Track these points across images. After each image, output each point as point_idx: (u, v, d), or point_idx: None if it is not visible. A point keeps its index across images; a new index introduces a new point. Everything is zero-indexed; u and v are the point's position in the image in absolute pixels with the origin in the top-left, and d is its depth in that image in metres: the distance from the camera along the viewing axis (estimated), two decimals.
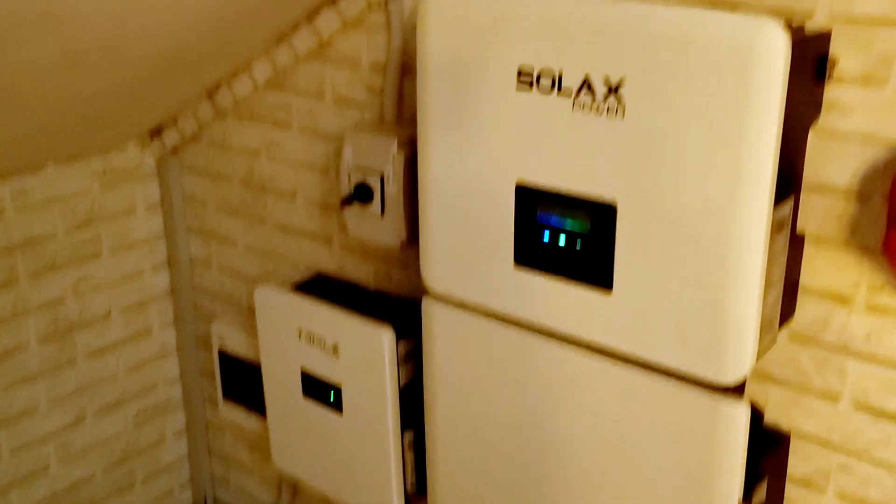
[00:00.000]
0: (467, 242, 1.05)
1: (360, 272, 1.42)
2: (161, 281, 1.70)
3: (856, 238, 0.92)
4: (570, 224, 0.95)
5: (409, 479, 1.28)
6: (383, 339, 1.21)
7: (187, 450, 1.81)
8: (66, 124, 1.36)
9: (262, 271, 1.58)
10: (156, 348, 1.71)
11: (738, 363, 0.86)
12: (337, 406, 1.30)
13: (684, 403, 0.91)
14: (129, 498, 1.73)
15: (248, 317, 1.59)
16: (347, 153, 1.25)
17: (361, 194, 1.24)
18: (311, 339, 1.30)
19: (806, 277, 0.96)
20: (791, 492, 1.03)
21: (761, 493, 0.94)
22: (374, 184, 1.23)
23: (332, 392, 1.30)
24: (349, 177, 1.25)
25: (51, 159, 1.49)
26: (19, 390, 1.52)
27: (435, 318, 1.12)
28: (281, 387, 1.37)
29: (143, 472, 1.74)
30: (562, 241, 0.96)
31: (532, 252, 0.99)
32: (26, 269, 1.49)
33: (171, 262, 1.70)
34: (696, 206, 0.85)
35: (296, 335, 1.31)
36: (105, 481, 1.68)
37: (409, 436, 1.26)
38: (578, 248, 0.95)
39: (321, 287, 1.42)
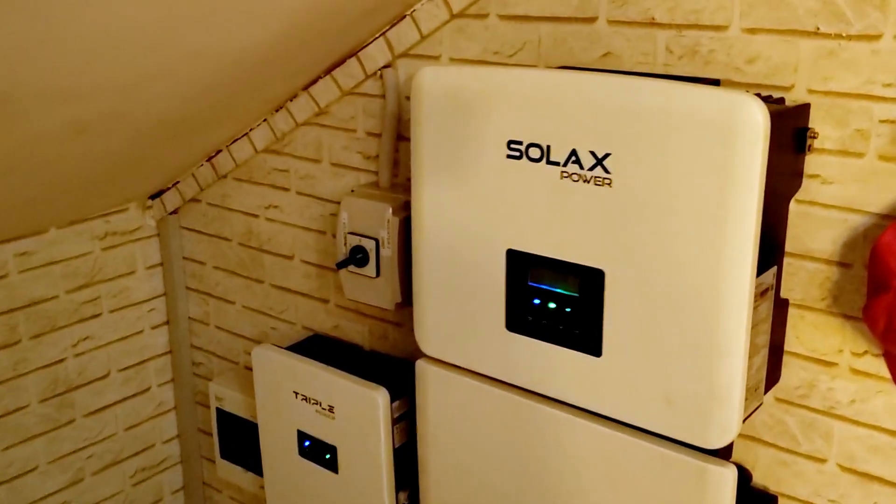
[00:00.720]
0: (460, 307, 1.07)
1: (356, 332, 1.44)
2: (160, 339, 1.72)
3: (838, 304, 0.94)
4: (559, 290, 0.97)
5: None
6: (378, 401, 1.22)
7: None
8: (69, 189, 1.39)
9: (259, 331, 1.60)
10: (154, 406, 1.72)
11: (724, 428, 0.88)
12: (332, 466, 1.31)
13: (672, 466, 0.92)
14: None
15: (245, 376, 1.61)
16: (343, 217, 1.27)
17: (357, 258, 1.27)
18: (307, 399, 1.31)
19: (791, 343, 0.98)
20: None
21: None
22: (370, 247, 1.26)
23: (328, 452, 1.31)
24: (345, 240, 1.28)
25: (53, 223, 1.52)
26: (19, 450, 1.53)
27: (428, 381, 1.14)
28: (277, 446, 1.38)
29: None
30: (552, 307, 0.98)
31: (523, 317, 1.01)
32: (28, 330, 1.51)
33: (169, 320, 1.72)
34: (680, 274, 0.87)
35: (292, 395, 1.33)
36: None
37: (403, 496, 1.27)
38: (568, 313, 0.97)
39: (317, 347, 1.44)
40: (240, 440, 1.58)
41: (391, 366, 1.37)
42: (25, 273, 1.49)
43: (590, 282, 0.94)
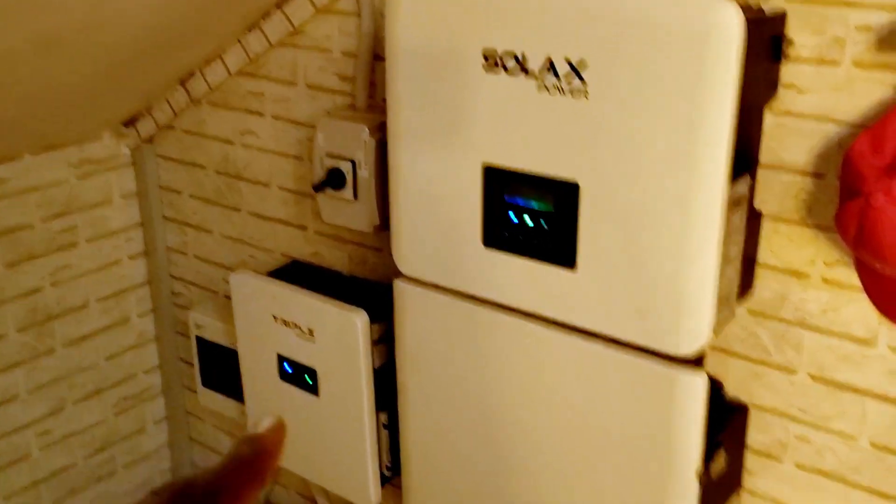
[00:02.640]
0: (437, 225, 1.07)
1: (335, 258, 1.44)
2: (138, 270, 1.71)
3: (812, 215, 0.95)
4: (535, 204, 0.97)
5: (385, 460, 1.30)
6: (357, 323, 1.23)
7: (168, 438, 1.82)
8: (42, 114, 1.37)
9: (238, 259, 1.59)
10: (134, 337, 1.72)
11: (695, 336, 0.89)
12: (313, 389, 1.32)
13: (645, 375, 0.93)
14: (111, 486, 1.74)
15: (224, 305, 1.60)
16: (319, 139, 1.26)
17: (334, 180, 1.26)
18: (286, 323, 1.31)
19: (764, 254, 0.99)
20: (750, 462, 1.06)
21: (720, 462, 0.96)
22: (347, 169, 1.25)
23: (308, 375, 1.31)
24: (321, 163, 1.27)
25: (27, 149, 1.50)
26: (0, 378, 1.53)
27: (406, 300, 1.14)
28: (258, 371, 1.39)
29: (124, 459, 1.75)
30: (528, 222, 0.98)
31: (499, 233, 1.01)
32: (3, 258, 1.50)
33: (147, 251, 1.71)
34: (654, 184, 0.87)
35: (271, 320, 1.33)
36: (86, 469, 1.69)
37: (384, 417, 1.28)
38: (544, 228, 0.97)
39: (296, 273, 1.44)
40: (221, 368, 1.59)
41: (371, 290, 1.38)
42: (0, 200, 1.48)
43: (565, 195, 0.94)
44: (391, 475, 1.32)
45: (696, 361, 0.93)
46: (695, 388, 0.90)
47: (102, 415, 1.70)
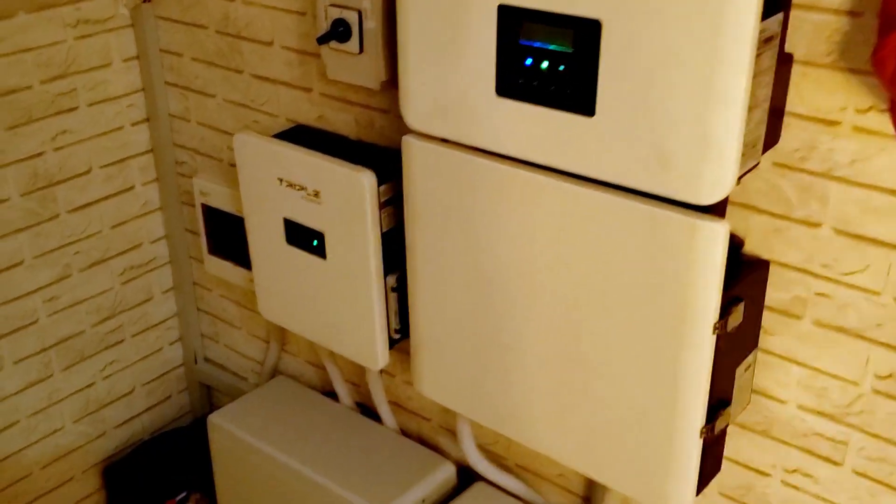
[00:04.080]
0: (447, 75, 1.02)
1: (341, 121, 1.39)
2: (141, 137, 1.67)
3: (845, 58, 0.89)
4: (553, 46, 0.92)
5: (393, 323, 1.29)
6: (364, 183, 1.19)
7: (176, 307, 1.82)
8: None
9: (241, 124, 1.55)
10: (139, 206, 1.70)
11: (718, 183, 0.85)
12: (320, 252, 1.29)
13: (664, 225, 0.90)
14: (120, 354, 1.75)
15: (229, 172, 1.57)
16: None
17: (339, 32, 1.20)
18: (292, 185, 1.28)
19: (792, 103, 0.94)
20: (768, 319, 1.03)
21: (737, 315, 0.94)
22: (353, 20, 1.19)
23: (316, 238, 1.29)
24: (326, 13, 1.21)
25: (21, 6, 1.44)
26: (3, 244, 1.51)
27: (415, 156, 1.10)
28: (264, 236, 1.36)
29: (133, 328, 1.75)
30: (544, 66, 0.93)
31: (514, 80, 0.96)
32: (3, 121, 1.46)
33: (150, 117, 1.66)
34: (681, 19, 0.81)
35: (277, 182, 1.30)
36: (95, 336, 1.69)
37: (392, 280, 1.26)
38: (561, 72, 0.92)
39: (301, 137, 1.40)
40: (226, 235, 1.57)
41: (378, 153, 1.33)
42: None
43: (585, 34, 0.89)
44: (399, 338, 1.31)
45: (718, 211, 0.89)
46: (715, 237, 0.87)
47: (109, 283, 1.69)
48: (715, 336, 0.91)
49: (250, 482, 1.53)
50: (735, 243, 1.02)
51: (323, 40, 1.20)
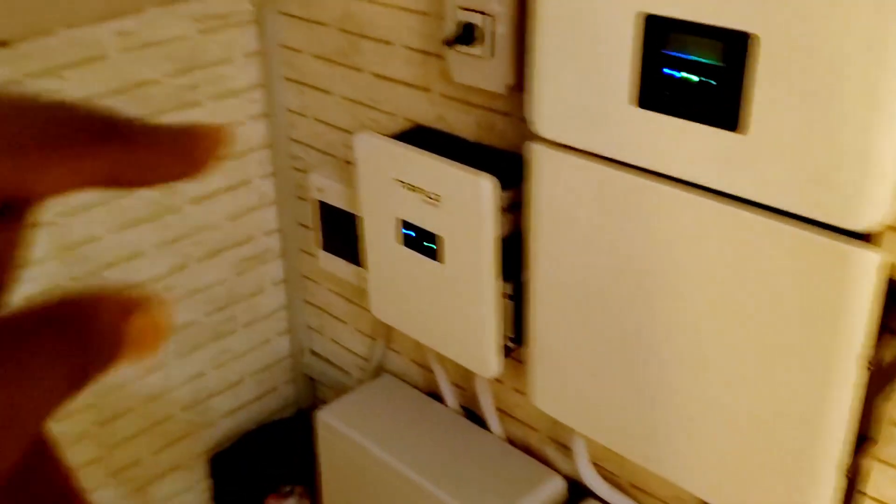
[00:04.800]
0: (582, 82, 0.99)
1: (461, 123, 1.38)
2: (258, 132, 1.69)
3: None
4: (702, 58, 0.88)
5: (507, 329, 1.27)
6: (486, 188, 1.17)
7: (285, 300, 1.84)
8: None
9: (358, 122, 1.55)
10: (255, 199, 1.72)
11: (876, 208, 0.80)
12: (436, 255, 1.28)
13: (814, 250, 0.85)
14: (231, 344, 1.78)
15: (344, 169, 1.57)
16: None
17: (467, 35, 1.18)
18: (411, 187, 1.27)
19: None
20: None
21: (892, 350, 0.88)
22: (481, 23, 1.17)
23: (432, 241, 1.28)
24: (454, 16, 1.19)
25: (150, 2, 1.47)
26: (128, 233, 1.55)
27: (542, 164, 1.08)
28: (380, 235, 1.36)
29: (244, 319, 1.78)
30: (690, 78, 0.89)
31: (656, 91, 0.92)
32: (132, 114, 1.49)
33: (268, 112, 1.68)
34: (843, 35, 0.77)
35: (396, 184, 1.29)
36: (208, 326, 1.73)
37: (508, 287, 1.24)
38: (709, 85, 0.88)
39: (420, 138, 1.39)
40: (339, 232, 1.57)
41: (498, 157, 1.31)
42: (125, 54, 1.46)
43: (738, 47, 0.84)
44: (513, 347, 1.29)
45: (872, 238, 0.84)
46: (870, 265, 0.82)
47: (224, 274, 1.72)
48: (865, 372, 0.86)
49: (354, 480, 1.53)
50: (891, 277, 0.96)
51: (451, 44, 1.19)
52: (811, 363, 0.89)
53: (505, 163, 1.26)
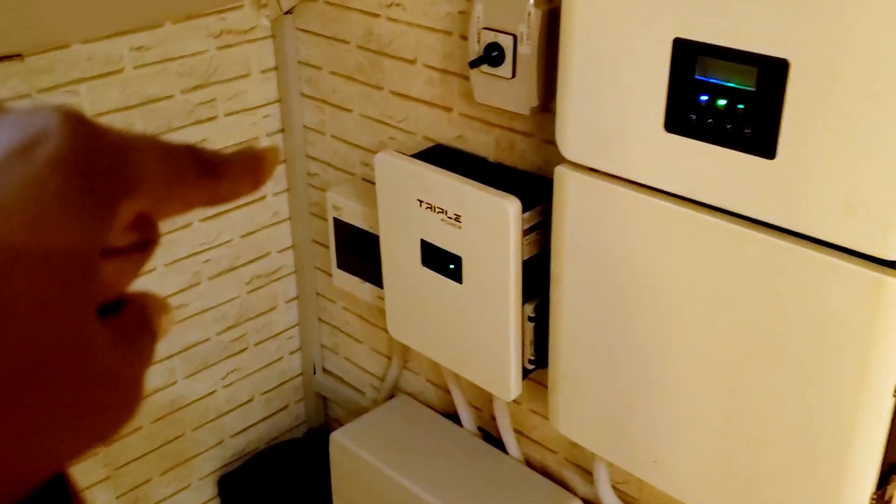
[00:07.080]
0: (611, 106, 0.98)
1: (481, 143, 1.37)
2: None
3: None
4: (733, 84, 0.87)
5: (528, 352, 1.26)
6: (509, 210, 1.16)
7: (298, 318, 1.82)
8: None
9: (377, 140, 1.54)
10: (269, 216, 1.71)
11: None
12: (457, 276, 1.27)
13: (844, 278, 0.84)
14: (242, 362, 1.76)
15: (362, 187, 1.56)
16: (478, 11, 1.17)
17: (491, 56, 1.17)
18: (431, 207, 1.26)
19: None
20: None
21: None
22: (506, 45, 1.16)
23: (453, 262, 1.26)
24: (478, 37, 1.18)
25: (169, 17, 1.46)
26: None
27: (569, 187, 1.06)
28: (399, 255, 1.35)
29: (256, 337, 1.77)
30: (721, 104, 0.88)
31: (686, 116, 0.91)
32: (144, 129, 1.48)
33: (284, 128, 1.67)
34: (877, 61, 0.76)
35: (416, 204, 1.28)
36: (219, 344, 1.71)
37: (529, 309, 1.23)
38: (740, 111, 0.87)
39: (440, 157, 1.38)
40: (356, 250, 1.56)
41: (518, 178, 1.30)
42: (140, 69, 1.45)
43: (770, 73, 0.83)
44: (533, 368, 1.27)
45: None
46: None
47: (236, 291, 1.70)
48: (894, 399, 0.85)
49: (368, 503, 1.52)
50: None
51: (475, 64, 1.18)
52: (842, 391, 0.87)
53: (525, 183, 1.25)
